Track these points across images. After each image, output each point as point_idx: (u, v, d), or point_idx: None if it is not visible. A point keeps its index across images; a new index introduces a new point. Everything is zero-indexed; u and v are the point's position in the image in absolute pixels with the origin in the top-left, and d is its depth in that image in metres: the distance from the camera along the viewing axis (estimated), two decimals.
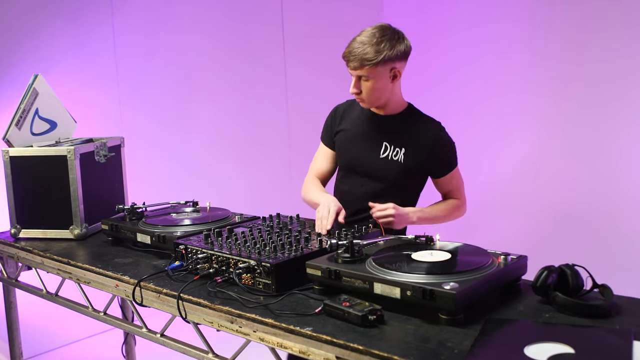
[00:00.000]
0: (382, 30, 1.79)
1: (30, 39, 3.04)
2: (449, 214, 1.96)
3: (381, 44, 1.76)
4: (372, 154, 1.91)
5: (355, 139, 1.95)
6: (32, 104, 2.23)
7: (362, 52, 1.76)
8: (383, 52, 1.75)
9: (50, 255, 1.95)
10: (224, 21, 3.76)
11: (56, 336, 3.20)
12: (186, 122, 3.64)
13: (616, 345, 1.11)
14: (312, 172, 2.07)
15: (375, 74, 1.78)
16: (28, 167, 2.13)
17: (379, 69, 1.77)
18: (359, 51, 1.76)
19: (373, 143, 1.92)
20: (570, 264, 1.35)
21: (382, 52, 1.75)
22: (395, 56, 1.78)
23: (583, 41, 3.53)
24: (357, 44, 1.78)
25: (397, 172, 1.88)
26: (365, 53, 1.75)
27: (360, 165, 1.94)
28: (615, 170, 3.48)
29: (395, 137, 1.90)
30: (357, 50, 1.77)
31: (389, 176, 1.89)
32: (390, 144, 1.90)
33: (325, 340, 1.22)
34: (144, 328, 1.73)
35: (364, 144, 1.94)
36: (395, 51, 1.77)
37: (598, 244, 3.48)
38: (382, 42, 1.76)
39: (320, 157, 2.07)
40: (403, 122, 1.91)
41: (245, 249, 1.57)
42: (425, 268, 1.35)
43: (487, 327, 1.21)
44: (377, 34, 1.78)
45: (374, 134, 1.93)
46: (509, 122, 3.92)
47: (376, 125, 1.93)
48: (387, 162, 1.89)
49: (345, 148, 1.98)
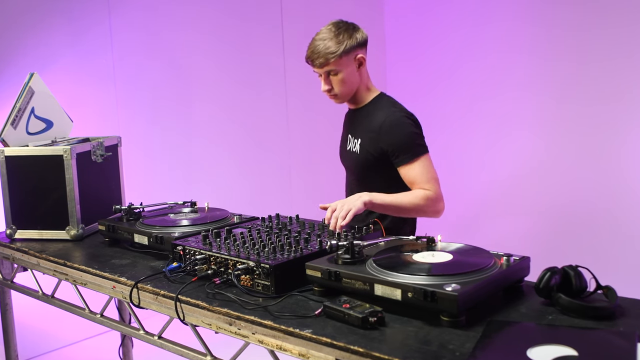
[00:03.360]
0: (337, 24, 1.90)
1: (27, 37, 3.02)
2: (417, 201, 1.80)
3: (339, 36, 1.86)
4: (343, 149, 2.05)
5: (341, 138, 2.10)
6: (28, 103, 2.21)
7: (324, 47, 1.85)
8: (344, 42, 1.85)
9: (46, 257, 1.94)
10: (223, 20, 3.75)
11: (52, 338, 3.18)
12: (184, 121, 3.63)
13: (620, 347, 1.10)
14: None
15: (341, 65, 1.86)
16: (24, 167, 2.11)
17: (344, 59, 1.86)
18: (321, 47, 1.85)
19: (344, 137, 2.05)
20: (574, 265, 1.34)
21: (343, 42, 1.85)
22: (356, 44, 1.88)
23: (585, 40, 3.53)
24: (317, 42, 1.87)
25: (357, 163, 1.95)
26: (328, 47, 1.84)
27: (341, 160, 2.08)
28: (618, 170, 3.48)
29: (355, 129, 1.97)
30: (320, 47, 1.85)
31: (354, 168, 1.98)
32: (353, 136, 1.98)
33: (325, 342, 1.21)
34: (142, 330, 1.71)
35: (342, 141, 2.07)
36: (354, 39, 1.87)
37: (601, 245, 3.48)
38: (340, 33, 1.86)
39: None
40: (364, 112, 1.97)
41: (244, 250, 1.56)
42: (427, 269, 1.34)
43: (489, 329, 1.20)
44: (332, 28, 1.88)
45: (346, 128, 2.05)
46: (511, 122, 3.92)
47: (349, 119, 2.05)
48: (350, 154, 1.99)
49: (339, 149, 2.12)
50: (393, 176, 1.89)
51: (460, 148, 4.09)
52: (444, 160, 2.38)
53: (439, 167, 1.94)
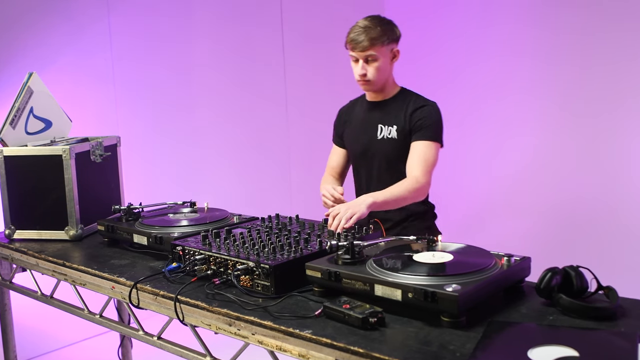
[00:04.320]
0: (378, 17, 2.00)
1: (25, 36, 3.01)
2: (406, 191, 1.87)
3: (383, 26, 1.96)
4: (373, 138, 2.05)
5: (357, 129, 2.11)
6: (27, 103, 2.21)
7: (369, 34, 1.93)
8: (387, 33, 1.96)
9: (45, 257, 1.93)
10: (222, 21, 3.74)
11: (51, 339, 3.18)
12: (183, 121, 3.62)
13: (621, 348, 1.10)
14: (327, 170, 2.24)
15: (381, 53, 1.95)
16: (22, 167, 2.11)
17: (384, 48, 1.96)
18: (366, 33, 1.93)
19: (372, 128, 2.06)
20: (575, 266, 1.34)
21: (386, 32, 1.95)
22: (395, 38, 1.99)
23: (587, 44, 3.53)
24: (360, 28, 1.95)
25: (395, 148, 2.01)
26: (373, 34, 1.93)
27: (364, 151, 2.08)
28: (620, 172, 3.48)
29: (387, 118, 2.04)
30: (364, 33, 1.93)
31: (387, 155, 2.02)
32: (385, 124, 2.04)
33: (325, 343, 1.21)
34: (141, 331, 1.71)
35: (365, 131, 2.08)
36: (394, 33, 1.99)
37: (603, 245, 3.47)
38: (383, 24, 1.96)
39: (333, 156, 2.23)
40: (396, 102, 2.05)
41: (244, 250, 1.55)
42: (427, 269, 1.33)
43: (489, 329, 1.20)
44: (375, 19, 1.97)
45: (372, 119, 2.08)
46: (514, 124, 3.91)
47: (372, 112, 2.09)
48: (384, 141, 2.02)
49: (352, 139, 2.13)
50: None
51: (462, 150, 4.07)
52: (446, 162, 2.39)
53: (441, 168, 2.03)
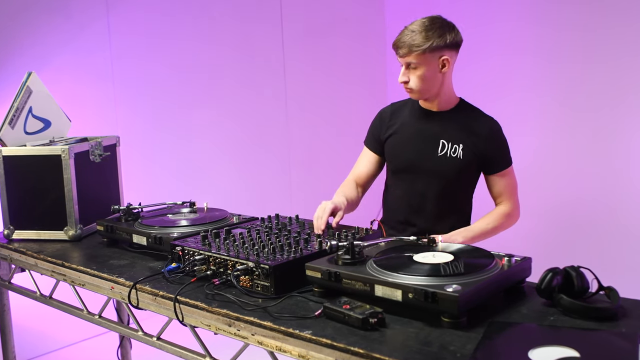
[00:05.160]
0: (433, 20, 1.85)
1: (24, 35, 3.00)
2: (500, 225, 1.89)
3: (430, 32, 1.81)
4: (430, 153, 1.91)
5: (410, 140, 1.94)
6: (26, 102, 2.20)
7: (410, 39, 1.81)
8: (431, 39, 1.80)
9: (44, 257, 1.93)
10: (222, 19, 3.74)
11: (50, 339, 3.17)
12: (183, 120, 3.61)
13: (622, 348, 1.10)
14: (352, 175, 2.05)
15: (423, 61, 1.81)
16: (21, 167, 2.10)
17: (427, 56, 1.81)
18: (407, 38, 1.81)
19: (430, 141, 1.91)
20: (576, 266, 1.33)
21: (430, 39, 1.80)
22: (443, 44, 1.81)
23: (589, 41, 3.51)
24: (407, 32, 1.83)
25: (455, 168, 1.89)
26: (414, 40, 1.80)
27: (417, 165, 1.92)
28: (621, 171, 3.47)
29: (452, 134, 1.90)
30: (406, 37, 1.82)
31: (447, 174, 1.89)
32: (448, 141, 1.89)
33: (325, 343, 1.21)
34: (140, 331, 1.71)
35: (420, 143, 1.92)
36: (443, 39, 1.81)
37: (604, 246, 3.47)
38: (431, 29, 1.81)
39: (364, 160, 2.05)
40: (458, 117, 1.92)
41: (244, 250, 1.55)
42: (428, 270, 1.33)
43: (490, 330, 1.19)
44: (426, 22, 1.84)
45: (430, 132, 1.92)
46: (515, 123, 3.89)
47: (431, 123, 1.93)
48: (446, 159, 1.89)
49: (400, 150, 1.96)
50: (474, 181, 1.96)
51: None
52: None
53: None
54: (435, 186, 1.90)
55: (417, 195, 1.93)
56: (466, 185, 1.95)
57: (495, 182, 1.92)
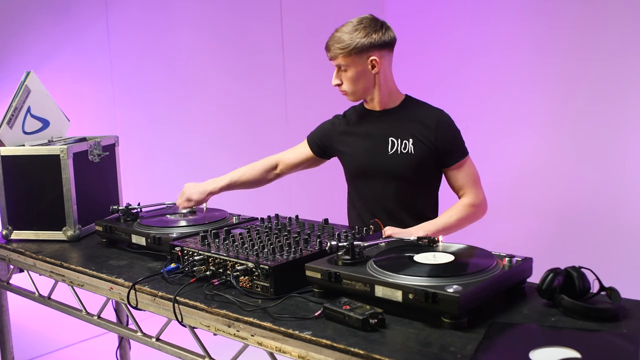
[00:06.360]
0: (360, 20, 1.81)
1: (22, 35, 3.00)
2: (465, 216, 1.82)
3: (355, 32, 1.78)
4: (381, 153, 1.87)
5: (359, 144, 1.91)
6: (24, 102, 2.20)
7: (337, 40, 1.79)
8: (355, 40, 1.76)
9: (42, 257, 1.92)
10: (221, 17, 3.73)
11: (49, 340, 3.16)
12: (182, 120, 3.61)
13: (624, 349, 1.09)
14: (279, 156, 2.09)
15: (351, 63, 1.79)
16: (20, 167, 2.09)
17: (354, 57, 1.78)
18: (335, 40, 1.80)
19: (379, 141, 1.88)
20: (577, 266, 1.33)
21: (354, 40, 1.76)
22: (369, 45, 1.77)
23: (589, 39, 3.52)
24: (335, 34, 1.82)
25: (409, 164, 1.83)
26: (340, 41, 1.78)
27: (370, 168, 1.89)
28: (622, 171, 3.47)
29: (400, 130, 1.85)
30: (334, 39, 1.81)
31: (402, 172, 1.84)
32: (397, 138, 1.85)
33: (325, 344, 1.20)
34: (139, 332, 1.70)
35: (369, 144, 1.89)
36: (369, 39, 1.77)
37: (605, 246, 3.46)
38: (358, 30, 1.78)
39: (297, 151, 2.06)
40: (404, 112, 1.87)
41: (243, 250, 1.54)
42: (428, 270, 1.32)
43: (491, 331, 1.19)
44: (355, 22, 1.81)
45: (377, 132, 1.89)
46: (514, 122, 3.90)
47: (377, 123, 1.90)
48: (398, 156, 1.84)
49: (353, 154, 1.93)
50: (437, 178, 1.90)
51: None
52: None
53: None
54: (392, 187, 1.86)
55: (376, 199, 1.89)
56: (426, 184, 1.89)
57: (454, 175, 1.85)
